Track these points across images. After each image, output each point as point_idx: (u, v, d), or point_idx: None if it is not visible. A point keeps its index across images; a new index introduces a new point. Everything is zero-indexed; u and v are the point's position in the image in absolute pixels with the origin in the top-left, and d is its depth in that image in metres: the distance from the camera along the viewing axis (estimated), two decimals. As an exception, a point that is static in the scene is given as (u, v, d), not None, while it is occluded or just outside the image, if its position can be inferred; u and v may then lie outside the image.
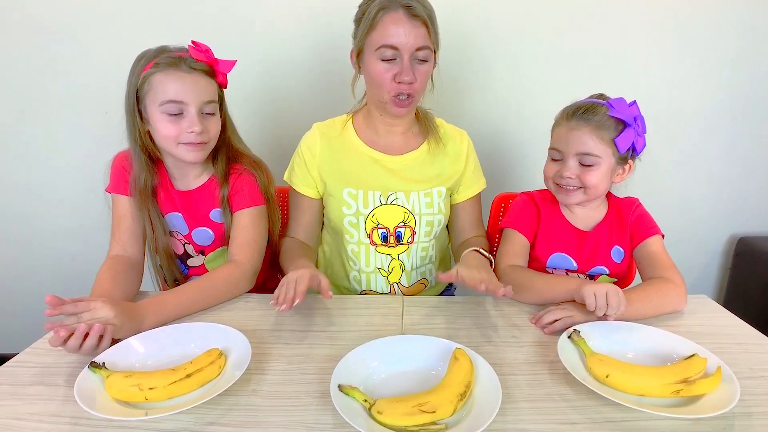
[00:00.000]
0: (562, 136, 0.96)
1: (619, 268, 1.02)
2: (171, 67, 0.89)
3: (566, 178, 0.95)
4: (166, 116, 0.90)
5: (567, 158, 0.95)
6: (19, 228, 1.65)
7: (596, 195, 0.97)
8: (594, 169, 0.93)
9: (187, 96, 0.90)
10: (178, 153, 0.95)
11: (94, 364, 0.69)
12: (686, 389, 0.65)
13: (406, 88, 0.95)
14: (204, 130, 0.93)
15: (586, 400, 0.66)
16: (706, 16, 1.43)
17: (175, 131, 0.91)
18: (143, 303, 0.83)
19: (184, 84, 0.90)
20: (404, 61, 0.93)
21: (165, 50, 0.92)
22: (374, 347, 0.74)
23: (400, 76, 0.93)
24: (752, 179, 1.64)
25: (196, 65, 0.91)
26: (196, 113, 0.91)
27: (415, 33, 0.91)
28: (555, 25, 1.43)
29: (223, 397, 0.65)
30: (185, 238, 1.07)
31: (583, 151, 0.93)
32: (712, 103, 1.54)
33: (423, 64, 0.96)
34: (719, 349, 0.74)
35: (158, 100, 0.90)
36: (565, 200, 1.00)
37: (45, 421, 0.62)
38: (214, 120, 0.96)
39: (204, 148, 0.96)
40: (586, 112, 0.93)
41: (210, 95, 0.94)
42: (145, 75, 0.90)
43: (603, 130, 0.91)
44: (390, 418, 0.60)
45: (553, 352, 0.75)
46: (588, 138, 0.92)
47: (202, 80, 0.92)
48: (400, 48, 0.92)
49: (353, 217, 1.05)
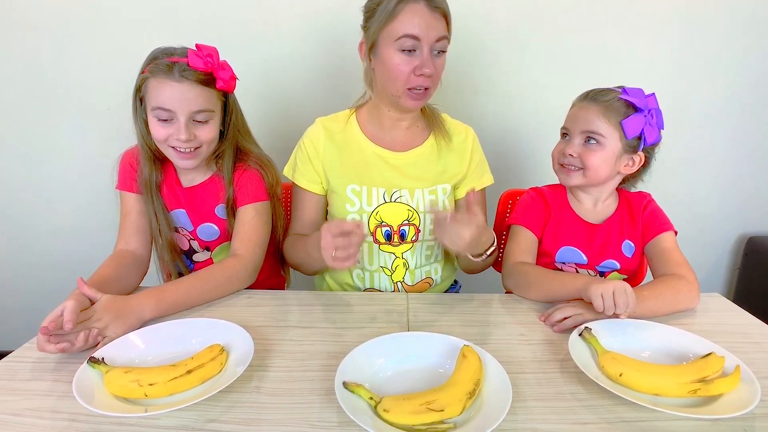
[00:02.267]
0: (571, 115, 0.97)
1: (630, 264, 0.99)
2: (162, 75, 0.88)
3: (568, 155, 0.95)
4: (156, 120, 0.91)
5: (573, 137, 0.95)
6: (20, 226, 1.65)
7: (596, 179, 0.96)
8: (597, 149, 0.93)
9: (174, 105, 0.89)
10: (170, 156, 0.96)
11: (93, 360, 0.67)
12: (704, 389, 0.62)
13: (423, 81, 0.93)
14: (191, 138, 0.92)
15: (598, 400, 0.64)
16: (714, 13, 1.41)
17: (164, 135, 0.92)
18: (141, 294, 0.84)
19: (173, 93, 0.89)
20: (424, 53, 0.91)
21: (166, 53, 0.91)
22: (380, 344, 0.72)
23: (421, 69, 0.91)
24: (761, 178, 1.61)
25: (188, 74, 0.88)
26: (185, 122, 0.91)
27: (436, 24, 0.90)
28: (562, 22, 1.41)
29: (224, 393, 0.64)
30: (190, 234, 1.07)
31: (588, 128, 0.93)
32: (720, 100, 1.51)
33: (441, 56, 0.95)
34: (735, 348, 0.71)
35: (151, 104, 0.91)
36: (565, 181, 0.99)
37: (43, 417, 0.61)
38: (207, 127, 0.94)
39: (196, 155, 0.95)
40: (599, 93, 0.94)
41: (201, 104, 0.91)
42: (143, 77, 0.91)
43: (611, 111, 0.91)
44: (397, 417, 0.58)
45: (563, 350, 0.73)
46: (594, 117, 0.92)
47: (194, 89, 0.90)
48: (421, 38, 0.90)
49: (356, 215, 1.03)
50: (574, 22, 1.41)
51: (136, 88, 0.93)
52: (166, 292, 0.85)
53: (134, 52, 0.95)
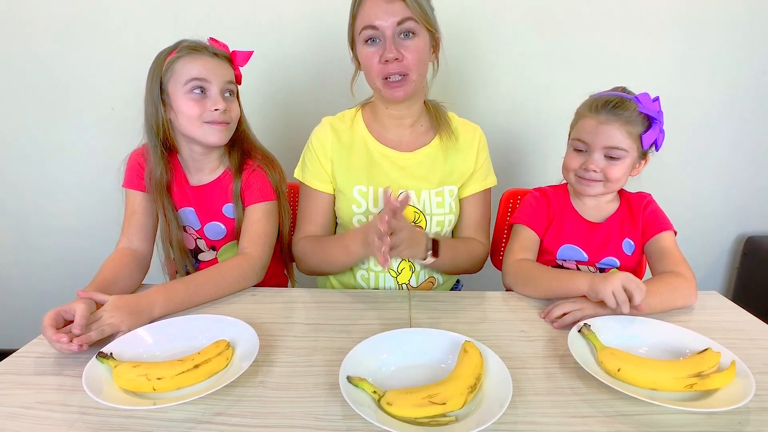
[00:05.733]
0: (589, 129, 0.94)
1: (630, 261, 1.01)
2: (194, 52, 0.94)
3: (591, 171, 0.95)
4: (190, 96, 0.94)
5: (593, 151, 0.94)
6: (24, 224, 1.66)
7: (616, 188, 0.98)
8: (619, 162, 0.94)
9: (209, 75, 0.94)
10: (202, 134, 0.96)
11: (102, 355, 0.69)
12: (700, 383, 0.64)
13: (393, 68, 0.92)
14: (227, 110, 0.96)
15: (597, 394, 0.65)
16: (714, 14, 1.42)
17: (198, 110, 0.94)
18: (152, 290, 0.84)
19: (207, 64, 0.94)
20: (386, 39, 0.90)
21: (185, 41, 0.97)
22: (384, 339, 0.73)
23: (385, 56, 0.91)
24: (760, 178, 1.62)
25: (217, 51, 0.97)
26: (219, 92, 0.95)
27: (393, 9, 0.89)
28: (561, 23, 1.43)
29: (230, 388, 0.65)
30: (197, 233, 1.08)
31: (611, 144, 0.93)
32: (720, 101, 1.52)
33: (410, 38, 0.92)
34: (731, 344, 0.72)
35: (182, 80, 0.93)
36: (584, 191, 0.99)
37: (53, 410, 0.62)
38: (235, 103, 1.01)
39: (227, 129, 0.98)
40: (617, 106, 0.92)
41: (231, 77, 0.99)
42: (169, 61, 0.94)
43: (632, 126, 0.92)
44: (400, 410, 0.59)
45: (562, 346, 0.74)
46: (618, 132, 0.92)
47: (223, 64, 0.97)
48: (378, 26, 0.90)
49: (363, 216, 1.03)
50: (576, 23, 1.43)
51: (158, 75, 0.94)
52: (175, 290, 0.86)
53: (138, 53, 0.97)
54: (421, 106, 1.05)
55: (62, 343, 0.70)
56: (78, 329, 0.72)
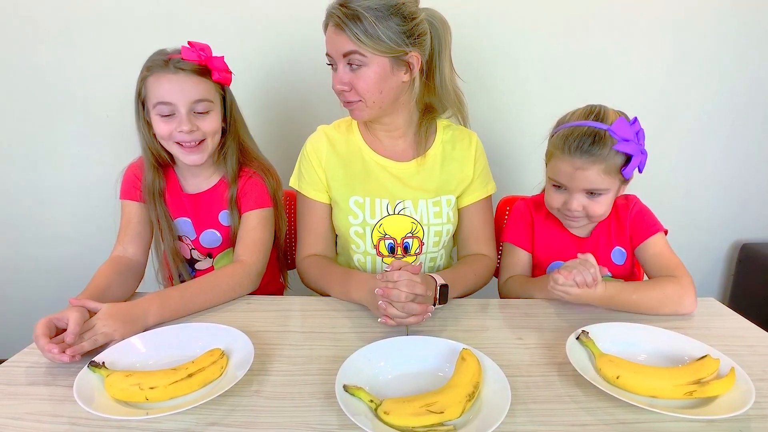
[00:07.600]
0: (565, 173, 0.90)
1: (622, 270, 1.01)
2: (160, 70, 0.92)
3: (574, 210, 0.93)
4: (159, 117, 0.93)
5: (573, 192, 0.92)
6: (18, 232, 1.64)
7: (603, 218, 0.97)
8: (601, 198, 0.92)
9: (173, 96, 0.92)
10: (176, 154, 0.97)
11: (94, 364, 0.67)
12: (699, 390, 0.63)
13: (344, 96, 0.93)
14: (194, 129, 0.94)
15: (596, 402, 0.65)
16: (707, 20, 1.44)
17: (167, 130, 0.94)
18: (146, 298, 0.83)
19: (171, 85, 0.91)
20: (338, 68, 0.92)
21: (160, 53, 0.95)
22: (380, 347, 0.73)
23: (333, 85, 0.93)
24: (755, 185, 1.63)
25: (183, 65, 0.92)
26: (186, 113, 0.93)
27: (338, 41, 0.89)
28: (555, 29, 1.44)
29: (225, 397, 0.64)
30: (192, 243, 1.08)
31: (590, 188, 0.90)
32: (714, 107, 1.53)
33: (358, 69, 0.90)
34: (730, 351, 0.72)
35: (152, 101, 0.93)
36: (571, 226, 1.00)
37: (43, 420, 0.61)
38: (209, 118, 0.96)
39: (201, 149, 0.96)
40: (592, 144, 0.86)
41: (200, 94, 0.94)
42: (141, 80, 0.94)
43: (610, 163, 0.88)
44: (397, 419, 0.59)
45: (560, 354, 0.74)
46: (596, 176, 0.88)
47: (190, 79, 0.93)
48: (331, 55, 0.92)
49: (359, 227, 1.02)
50: (571, 29, 1.43)
51: (137, 93, 0.95)
52: (170, 297, 0.85)
53: (134, 59, 0.96)
54: (409, 118, 1.03)
55: (54, 353, 0.69)
56: (71, 337, 0.71)
